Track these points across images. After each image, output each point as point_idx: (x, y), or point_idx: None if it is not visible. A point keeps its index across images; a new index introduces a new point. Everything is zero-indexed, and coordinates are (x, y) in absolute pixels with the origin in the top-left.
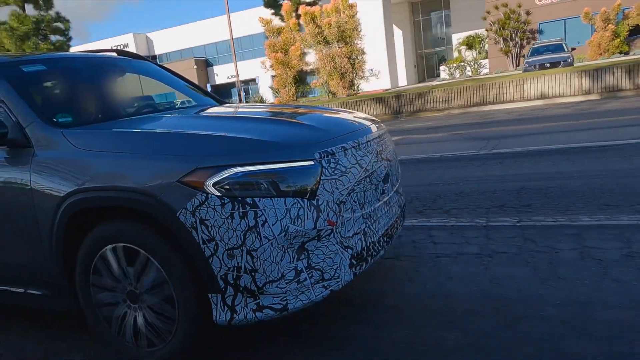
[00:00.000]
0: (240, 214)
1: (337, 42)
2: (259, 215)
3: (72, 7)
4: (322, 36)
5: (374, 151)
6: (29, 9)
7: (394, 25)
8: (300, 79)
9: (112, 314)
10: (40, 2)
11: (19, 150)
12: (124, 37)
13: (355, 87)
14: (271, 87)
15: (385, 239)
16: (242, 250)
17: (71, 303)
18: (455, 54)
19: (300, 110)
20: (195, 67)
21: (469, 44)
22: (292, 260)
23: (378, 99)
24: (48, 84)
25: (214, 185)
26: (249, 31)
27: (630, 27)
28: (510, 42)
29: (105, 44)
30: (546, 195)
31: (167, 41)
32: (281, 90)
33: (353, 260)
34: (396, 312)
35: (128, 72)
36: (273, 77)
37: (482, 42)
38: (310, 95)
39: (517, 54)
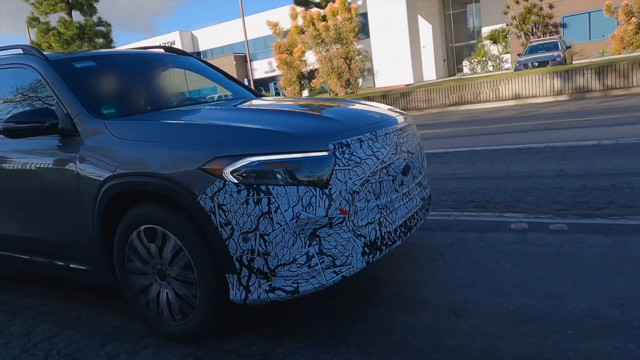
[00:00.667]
0: (255, 200)
1: (335, 43)
2: (272, 202)
3: (144, 4)
4: (320, 38)
5: (393, 143)
6: (77, 15)
7: (424, 20)
8: (304, 78)
9: (144, 288)
10: (85, 9)
11: (68, 139)
12: (171, 35)
13: (353, 86)
14: (276, 87)
15: (403, 229)
16: (256, 235)
17: (110, 278)
18: (480, 48)
19: (324, 103)
20: (234, 62)
21: (494, 38)
22: (303, 245)
23: (367, 97)
24: (96, 78)
25: (231, 172)
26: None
27: None
28: (532, 37)
29: (155, 41)
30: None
31: (210, 38)
32: (287, 88)
33: (366, 249)
34: None
35: (171, 67)
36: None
37: (507, 36)
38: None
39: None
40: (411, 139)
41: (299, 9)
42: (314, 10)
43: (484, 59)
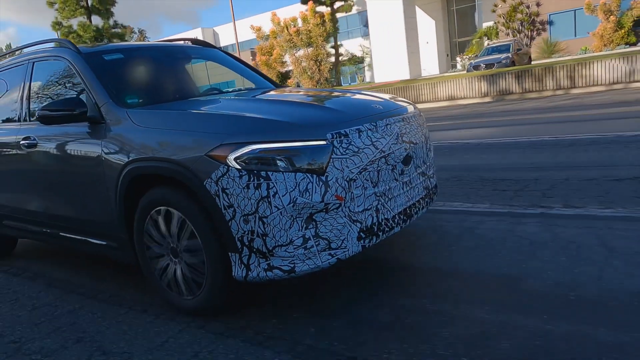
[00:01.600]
0: (255, 185)
1: (307, 47)
2: (271, 187)
3: None
4: (292, 42)
5: (394, 134)
6: (96, 19)
7: (427, 16)
8: (284, 78)
9: (160, 265)
10: (103, 13)
11: (96, 126)
12: (193, 31)
13: (323, 85)
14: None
15: (402, 217)
16: (255, 217)
17: (132, 255)
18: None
19: (330, 94)
20: (251, 57)
21: (487, 34)
22: (300, 228)
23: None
24: (122, 70)
25: (235, 159)
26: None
27: (635, 18)
28: (519, 34)
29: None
30: None
31: (230, 34)
32: None
33: (362, 234)
34: None
35: (195, 59)
36: None
37: (498, 33)
38: None
39: (526, 45)
40: (415, 129)
41: (304, 7)
42: (305, 8)
43: (475, 55)
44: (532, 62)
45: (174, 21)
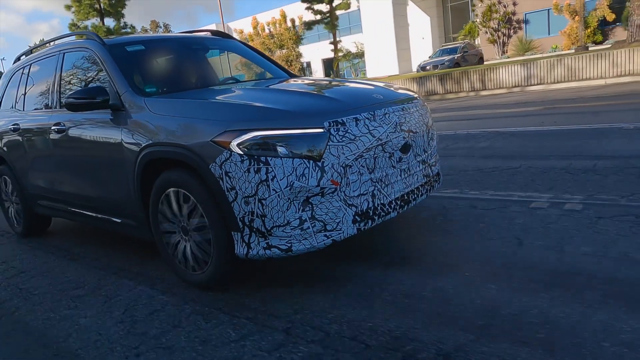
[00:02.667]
0: (255, 169)
1: (280, 49)
2: (269, 172)
3: None
4: (266, 45)
5: (392, 122)
6: (108, 21)
7: (423, 12)
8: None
9: (172, 242)
10: (113, 15)
11: (117, 113)
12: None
13: None
14: None
15: (399, 202)
16: (255, 199)
17: (149, 233)
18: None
19: (334, 84)
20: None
21: (471, 31)
22: (297, 210)
23: None
24: (143, 60)
25: (237, 145)
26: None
27: (599, 18)
28: (495, 33)
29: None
30: None
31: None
32: None
33: (357, 217)
34: None
35: (213, 50)
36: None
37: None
38: None
39: (502, 43)
40: (416, 119)
41: (304, 5)
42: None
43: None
44: (485, 63)
45: (210, 11)
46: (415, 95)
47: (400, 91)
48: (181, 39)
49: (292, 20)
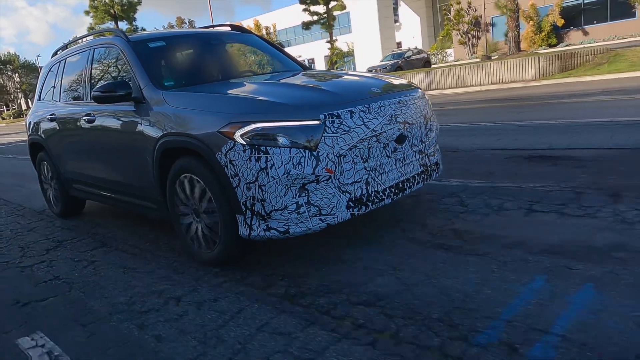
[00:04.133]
0: (256, 158)
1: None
2: (268, 160)
3: None
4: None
5: (387, 115)
6: (122, 25)
7: (413, 13)
8: None
9: (185, 223)
10: (126, 19)
11: (139, 105)
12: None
13: None
14: None
15: (394, 190)
16: (256, 185)
17: (167, 215)
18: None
19: (337, 77)
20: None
21: (448, 34)
22: (294, 196)
23: None
24: (163, 56)
25: (240, 135)
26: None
27: (551, 23)
28: (464, 35)
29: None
30: None
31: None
32: None
33: (350, 203)
34: None
35: (231, 44)
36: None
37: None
38: None
39: (471, 44)
40: (413, 111)
41: (301, 6)
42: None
43: (435, 52)
44: (432, 66)
45: (246, 2)
46: (415, 88)
47: (399, 84)
48: (200, 34)
49: (267, 28)
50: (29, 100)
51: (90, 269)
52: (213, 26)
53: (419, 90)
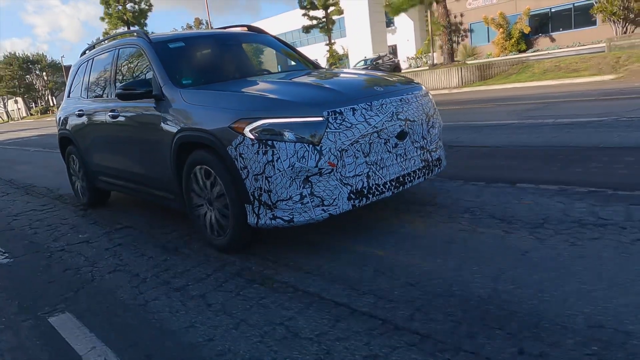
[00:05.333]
0: (263, 151)
1: None
2: (275, 154)
3: None
4: None
5: (389, 112)
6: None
7: (406, 17)
8: None
9: (200, 212)
10: (137, 24)
11: (159, 102)
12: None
13: None
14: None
15: (394, 184)
16: (263, 176)
17: (183, 204)
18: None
19: (343, 76)
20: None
21: (434, 37)
22: (298, 187)
23: None
24: (182, 56)
25: (249, 130)
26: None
27: (520, 30)
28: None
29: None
30: None
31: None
32: None
33: (352, 195)
34: None
35: (245, 44)
36: None
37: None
38: None
39: (449, 50)
40: (414, 108)
41: (301, 11)
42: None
43: (420, 56)
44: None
45: (273, 1)
46: (418, 86)
47: (401, 82)
48: (218, 35)
49: None
50: (54, 97)
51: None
52: (230, 27)
53: (423, 88)
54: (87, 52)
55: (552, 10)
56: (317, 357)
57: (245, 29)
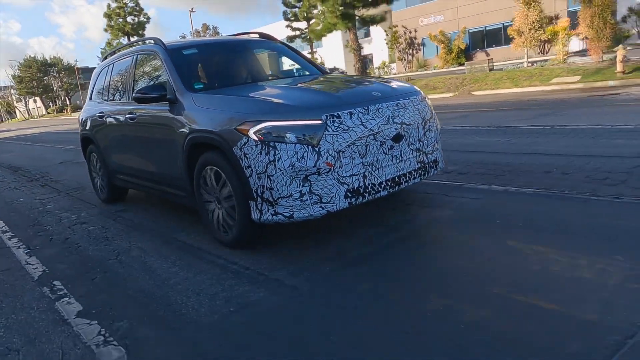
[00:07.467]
0: (266, 152)
1: None
2: (276, 154)
3: None
4: None
5: (385, 116)
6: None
7: (380, 29)
8: None
9: (209, 209)
10: (137, 35)
11: (173, 105)
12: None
13: None
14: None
15: (390, 183)
16: (265, 175)
17: (194, 201)
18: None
19: (344, 82)
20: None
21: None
22: (298, 185)
23: None
24: (195, 61)
25: (253, 132)
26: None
27: (459, 47)
28: (402, 52)
29: None
30: None
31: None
32: None
33: (348, 193)
34: None
35: (256, 51)
36: None
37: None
38: None
39: (408, 61)
40: (410, 112)
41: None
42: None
43: (384, 67)
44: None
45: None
46: (416, 92)
47: (399, 88)
48: (229, 42)
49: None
50: (69, 97)
51: None
52: (242, 34)
53: (420, 94)
54: (108, 57)
55: (487, 28)
56: None
57: (257, 35)
